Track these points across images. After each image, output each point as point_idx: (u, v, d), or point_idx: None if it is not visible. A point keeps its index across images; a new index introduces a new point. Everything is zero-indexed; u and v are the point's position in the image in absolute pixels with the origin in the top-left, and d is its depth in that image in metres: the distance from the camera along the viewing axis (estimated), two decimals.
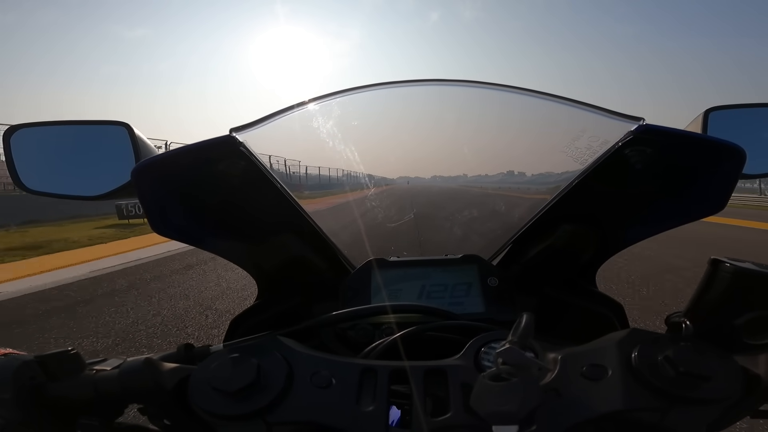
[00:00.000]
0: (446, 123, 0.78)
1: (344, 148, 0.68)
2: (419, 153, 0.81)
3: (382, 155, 0.77)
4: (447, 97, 0.71)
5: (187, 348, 0.43)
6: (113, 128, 0.62)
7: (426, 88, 0.66)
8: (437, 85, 0.65)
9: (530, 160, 0.78)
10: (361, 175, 0.75)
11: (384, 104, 0.70)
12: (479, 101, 0.71)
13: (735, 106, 0.64)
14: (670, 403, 0.31)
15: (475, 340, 0.39)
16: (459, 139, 0.78)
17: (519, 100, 0.64)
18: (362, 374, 0.36)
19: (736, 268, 0.34)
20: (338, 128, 0.67)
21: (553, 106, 0.61)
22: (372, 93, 0.63)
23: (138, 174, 0.48)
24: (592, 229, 0.59)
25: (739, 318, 0.34)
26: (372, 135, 0.75)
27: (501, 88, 0.63)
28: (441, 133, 0.80)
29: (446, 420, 0.32)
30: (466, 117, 0.77)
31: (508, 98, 0.65)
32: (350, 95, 0.62)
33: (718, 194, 0.48)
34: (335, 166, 0.77)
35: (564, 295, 0.64)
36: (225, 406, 0.33)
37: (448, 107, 0.74)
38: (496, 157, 0.79)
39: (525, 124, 0.76)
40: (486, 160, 0.79)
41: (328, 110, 0.64)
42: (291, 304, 0.66)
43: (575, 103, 0.58)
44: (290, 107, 0.59)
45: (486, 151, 0.79)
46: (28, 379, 0.33)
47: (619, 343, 0.35)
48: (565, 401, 0.32)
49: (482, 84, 0.65)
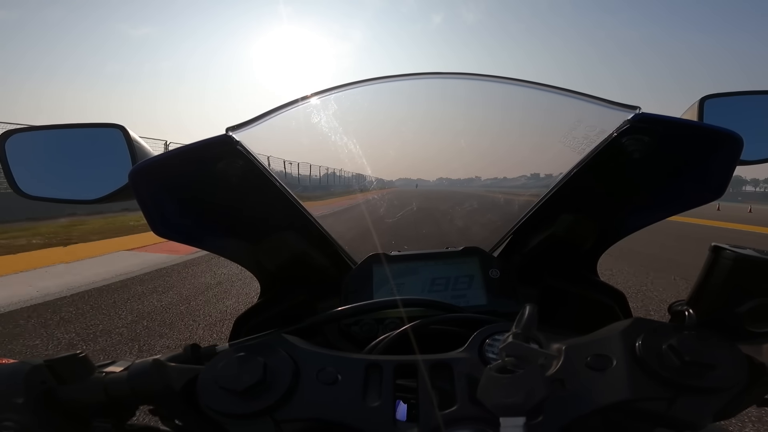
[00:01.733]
0: (442, 116, 0.78)
1: (343, 146, 0.68)
2: (419, 149, 0.81)
3: (383, 153, 0.77)
4: (443, 90, 0.70)
5: (194, 348, 0.43)
6: (108, 131, 0.61)
7: (424, 81, 0.66)
8: (434, 78, 0.65)
9: (527, 151, 0.78)
10: (361, 174, 0.75)
11: (381, 99, 0.70)
12: (474, 93, 0.71)
13: (730, 93, 0.64)
14: (677, 392, 0.31)
15: (479, 333, 0.39)
16: (456, 133, 0.78)
17: (513, 91, 0.64)
18: (367, 369, 0.37)
19: (737, 255, 0.34)
20: (337, 125, 0.66)
21: (548, 96, 0.61)
22: (369, 87, 0.63)
23: (135, 176, 0.47)
24: (591, 219, 0.59)
25: (742, 306, 0.34)
26: (371, 132, 0.75)
27: (492, 79, 0.63)
28: (436, 126, 0.80)
29: (453, 413, 0.33)
30: (462, 110, 0.77)
31: (502, 89, 0.65)
32: (349, 90, 0.62)
33: (717, 180, 0.48)
34: (334, 164, 0.77)
35: (565, 285, 0.65)
36: (233, 405, 0.34)
37: (444, 100, 0.74)
38: (494, 149, 0.79)
39: (520, 115, 0.76)
40: (483, 153, 0.79)
41: (326, 106, 0.64)
42: (294, 301, 0.66)
43: (570, 92, 0.58)
44: (288, 104, 0.58)
45: (482, 144, 0.79)
46: (39, 384, 0.33)
47: (622, 332, 0.35)
48: (570, 392, 0.32)
49: (477, 76, 0.64)
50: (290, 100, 0.59)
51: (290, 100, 0.59)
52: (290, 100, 0.59)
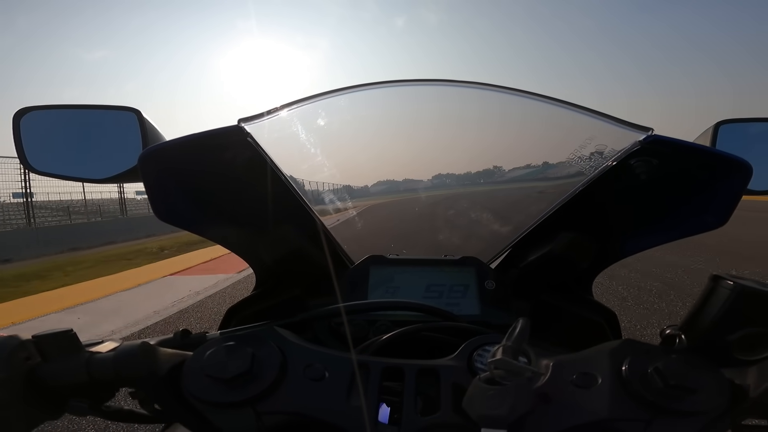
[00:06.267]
0: (451, 126, 0.78)
1: (350, 145, 0.68)
2: (432, 154, 0.81)
3: (391, 156, 0.77)
4: (451, 99, 0.70)
5: (184, 334, 0.43)
6: (123, 114, 0.62)
7: (430, 88, 0.65)
8: (441, 85, 0.65)
9: (534, 165, 0.77)
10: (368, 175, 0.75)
11: (395, 102, 0.70)
12: (486, 104, 0.71)
13: (746, 120, 0.63)
14: (654, 414, 0.31)
15: (470, 342, 0.39)
16: (461, 143, 0.78)
17: (527, 104, 0.63)
18: (355, 369, 0.36)
19: (737, 285, 0.34)
20: (347, 124, 0.67)
21: (561, 112, 0.60)
22: (388, 90, 0.63)
23: (144, 160, 0.48)
24: (591, 238, 0.59)
25: (734, 334, 0.34)
26: (383, 134, 0.75)
27: (510, 92, 0.63)
28: (444, 136, 0.79)
29: (435, 419, 0.33)
30: (471, 119, 0.76)
31: (515, 102, 0.64)
32: (364, 91, 0.62)
33: (721, 209, 0.48)
34: (342, 161, 0.77)
35: (559, 302, 0.64)
36: (217, 393, 0.34)
37: (452, 109, 0.74)
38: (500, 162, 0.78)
39: (532, 130, 0.75)
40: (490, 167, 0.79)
41: (337, 105, 0.64)
42: (288, 296, 0.66)
43: (584, 110, 0.57)
44: (299, 100, 0.59)
45: (489, 158, 0.79)
46: (23, 360, 0.33)
47: (611, 352, 0.35)
48: (553, 407, 0.32)
49: (493, 87, 0.64)
50: (301, 97, 0.59)
51: (301, 97, 0.59)
52: (301, 97, 0.59)
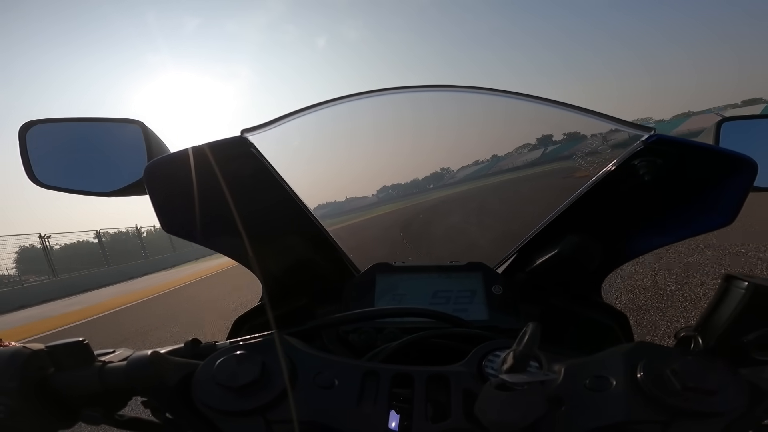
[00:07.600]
0: (453, 131, 0.78)
1: (352, 152, 0.68)
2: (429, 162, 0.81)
3: (394, 162, 0.77)
4: (451, 104, 0.71)
5: (194, 343, 0.43)
6: (127, 126, 0.63)
7: (432, 94, 0.66)
8: (444, 91, 0.65)
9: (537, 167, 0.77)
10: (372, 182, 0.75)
11: (401, 109, 0.70)
12: (487, 108, 0.71)
13: (748, 117, 0.63)
14: (672, 416, 0.31)
15: (480, 348, 0.39)
16: (464, 147, 0.78)
17: (529, 107, 0.64)
18: (365, 377, 0.36)
19: (751, 285, 0.34)
20: (349, 132, 0.67)
21: (563, 115, 0.60)
22: (392, 97, 0.63)
23: (150, 172, 0.48)
24: (598, 240, 0.58)
25: (750, 334, 0.34)
26: (386, 140, 0.75)
27: (511, 96, 0.63)
28: (447, 141, 0.80)
29: (445, 425, 0.32)
30: (473, 124, 0.77)
31: (518, 105, 0.64)
32: (367, 98, 0.62)
33: (728, 206, 0.47)
34: (345, 168, 0.77)
35: (568, 305, 0.64)
36: (227, 402, 0.33)
37: (453, 114, 0.74)
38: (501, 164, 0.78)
39: (534, 133, 0.75)
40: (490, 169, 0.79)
41: (338, 114, 0.64)
42: (295, 306, 0.66)
43: (585, 111, 0.57)
44: (302, 109, 0.59)
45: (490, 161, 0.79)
46: (36, 369, 0.33)
47: (624, 355, 0.35)
48: (567, 412, 0.32)
49: (495, 91, 0.64)
50: (303, 106, 0.59)
51: (303, 106, 0.59)
52: (303, 106, 0.59)
